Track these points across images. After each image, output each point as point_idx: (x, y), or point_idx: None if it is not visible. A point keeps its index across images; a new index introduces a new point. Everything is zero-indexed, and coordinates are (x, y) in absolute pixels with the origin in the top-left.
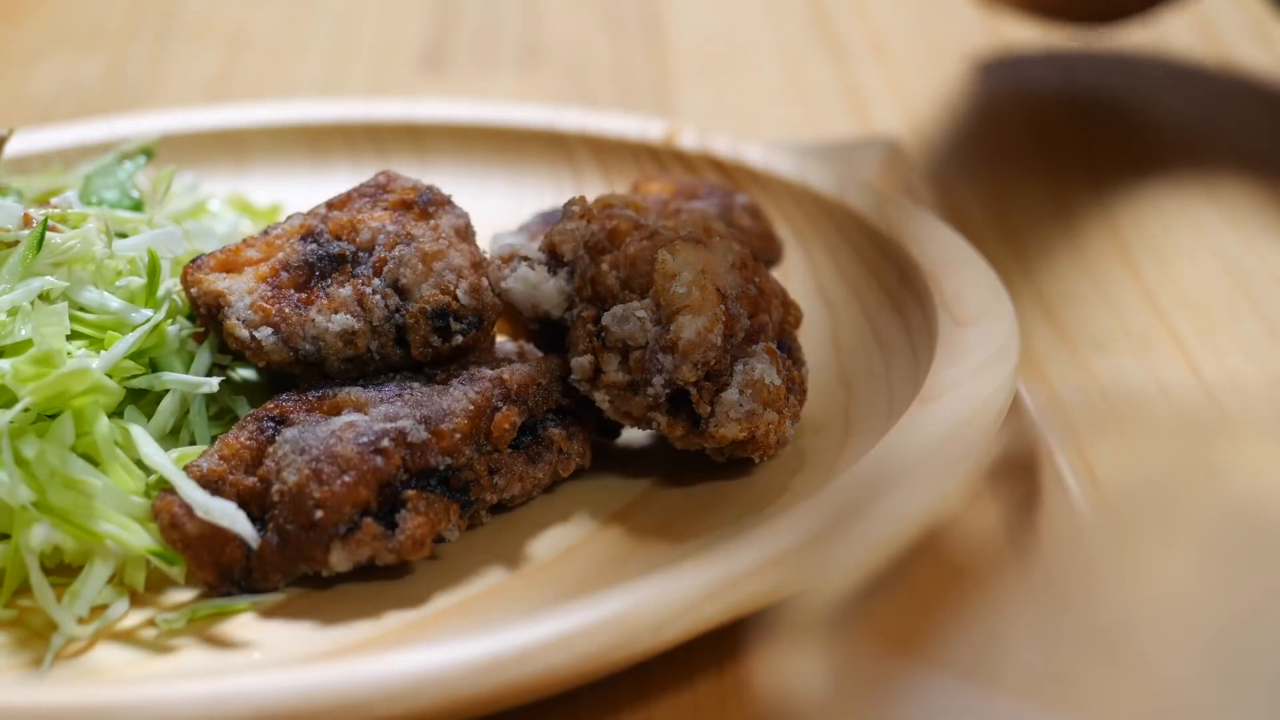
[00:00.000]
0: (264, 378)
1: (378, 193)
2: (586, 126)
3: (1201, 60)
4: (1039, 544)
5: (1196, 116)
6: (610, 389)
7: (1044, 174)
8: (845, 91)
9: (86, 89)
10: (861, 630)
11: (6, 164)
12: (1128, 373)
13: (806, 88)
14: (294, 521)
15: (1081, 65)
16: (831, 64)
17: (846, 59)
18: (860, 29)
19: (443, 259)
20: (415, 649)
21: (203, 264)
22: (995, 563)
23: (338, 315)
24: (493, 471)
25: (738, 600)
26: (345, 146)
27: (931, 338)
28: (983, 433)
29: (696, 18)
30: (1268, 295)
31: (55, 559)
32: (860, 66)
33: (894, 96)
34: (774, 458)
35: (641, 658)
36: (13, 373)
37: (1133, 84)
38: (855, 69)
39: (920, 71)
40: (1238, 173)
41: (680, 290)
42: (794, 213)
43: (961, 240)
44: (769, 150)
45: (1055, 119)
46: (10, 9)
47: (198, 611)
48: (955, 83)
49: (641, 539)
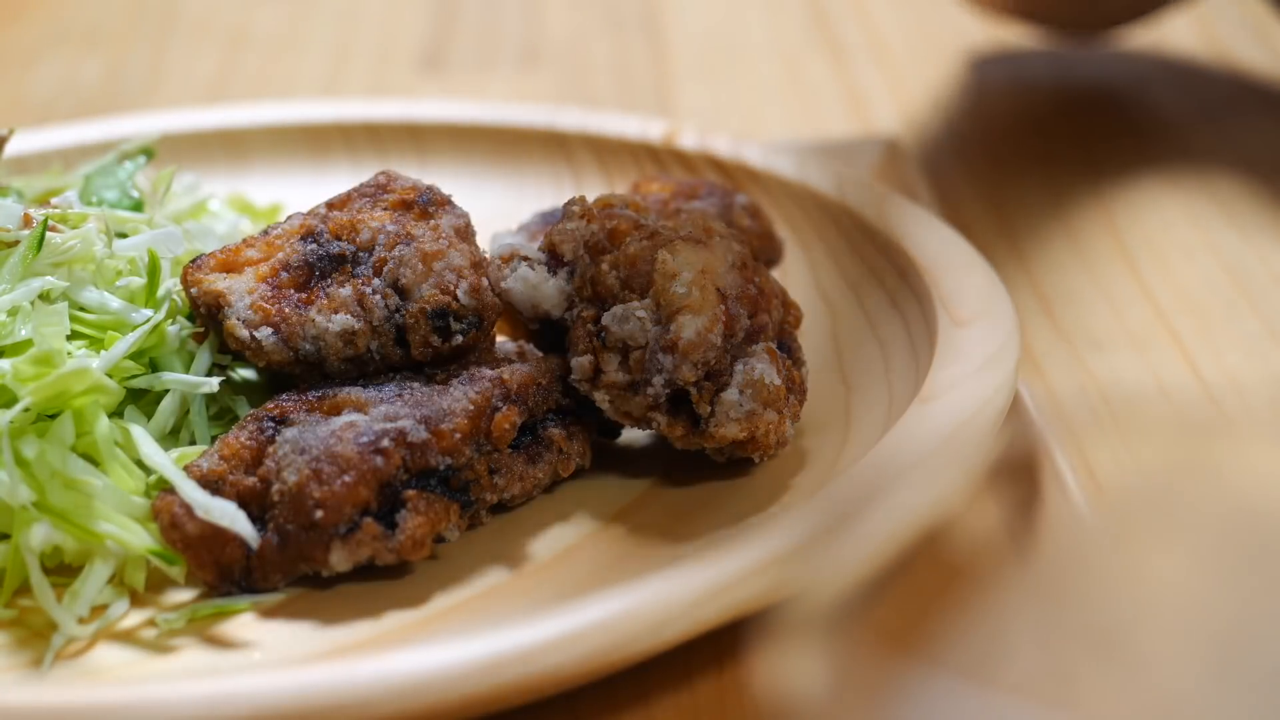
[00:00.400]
0: (264, 378)
1: (378, 193)
2: (586, 126)
3: (1202, 60)
4: (1039, 544)
5: (1197, 115)
6: (610, 389)
7: (1043, 173)
8: (844, 91)
9: (86, 89)
10: (861, 630)
11: (6, 164)
12: (1127, 372)
13: (806, 88)
14: (294, 521)
15: (1080, 64)
16: (830, 64)
17: (845, 59)
18: (859, 29)
19: (443, 259)
20: (415, 649)
21: (203, 264)
22: (995, 563)
23: (338, 315)
24: (493, 471)
25: (738, 600)
26: (345, 146)
27: (931, 337)
28: (983, 433)
29: (696, 18)
30: (1268, 295)
31: (55, 559)
32: (859, 66)
33: (893, 96)
34: (774, 458)
35: (641, 658)
36: (13, 373)
37: (1132, 82)
38: (854, 69)
39: (919, 71)
40: (1238, 172)
41: (680, 290)
42: (794, 213)
43: (961, 240)
44: (769, 150)
45: (1054, 118)
46: (10, 9)
47: (198, 611)
48: (954, 82)
49: (641, 539)
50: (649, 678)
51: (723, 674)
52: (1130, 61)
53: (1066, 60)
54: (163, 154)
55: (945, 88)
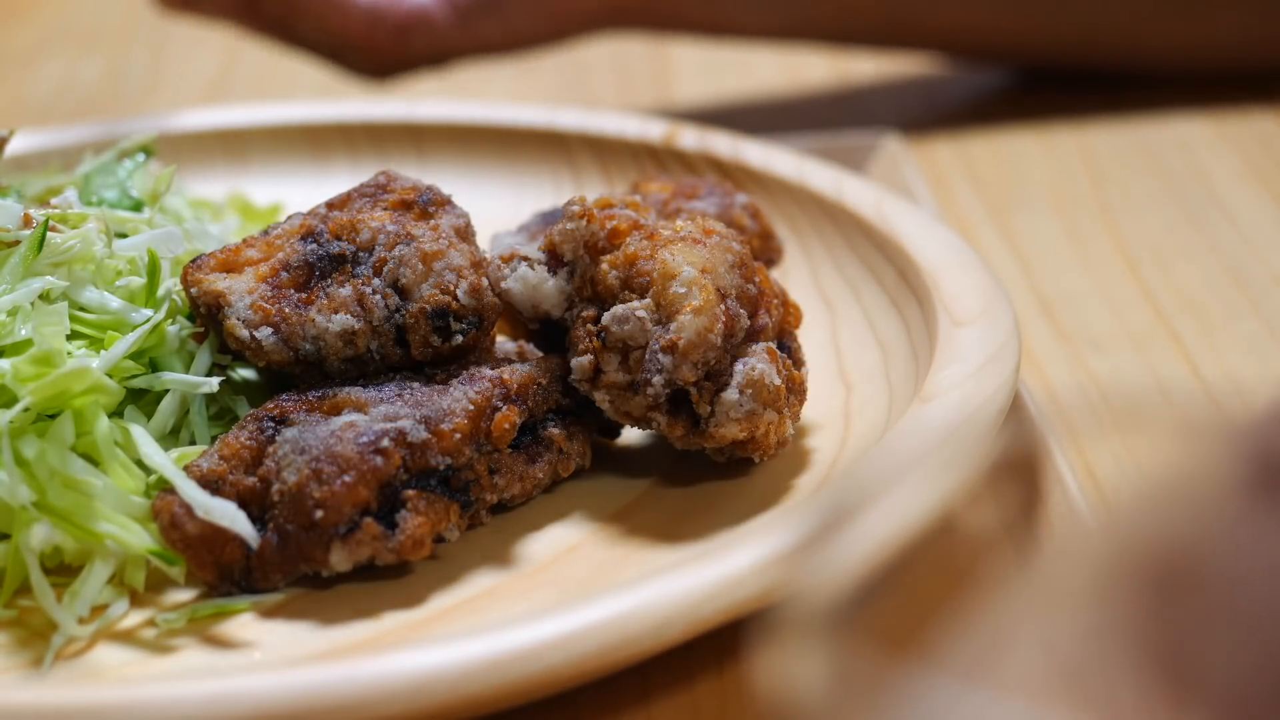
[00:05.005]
0: (264, 378)
1: (378, 193)
2: (586, 126)
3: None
4: (1039, 544)
5: (1196, 114)
6: (610, 389)
7: (1043, 172)
8: (844, 91)
9: (86, 89)
10: (861, 630)
11: (6, 164)
12: (1127, 372)
13: (806, 87)
14: (294, 521)
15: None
16: (831, 64)
17: (846, 59)
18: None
19: (443, 259)
20: (415, 649)
21: (203, 264)
22: (995, 563)
23: (338, 315)
24: (493, 471)
25: (738, 600)
26: (345, 146)
27: (931, 337)
28: (983, 433)
29: None
30: (1268, 295)
31: (55, 559)
32: (860, 66)
33: (892, 95)
34: (774, 458)
35: (641, 658)
36: (13, 373)
37: (1132, 81)
38: (855, 69)
39: (919, 70)
40: (1238, 172)
41: (680, 290)
42: (794, 213)
43: (961, 240)
44: (769, 150)
45: (1055, 117)
46: (10, 9)
47: (198, 611)
48: (953, 81)
49: (641, 539)
50: (649, 678)
51: (723, 674)
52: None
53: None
54: (163, 154)
55: (945, 87)
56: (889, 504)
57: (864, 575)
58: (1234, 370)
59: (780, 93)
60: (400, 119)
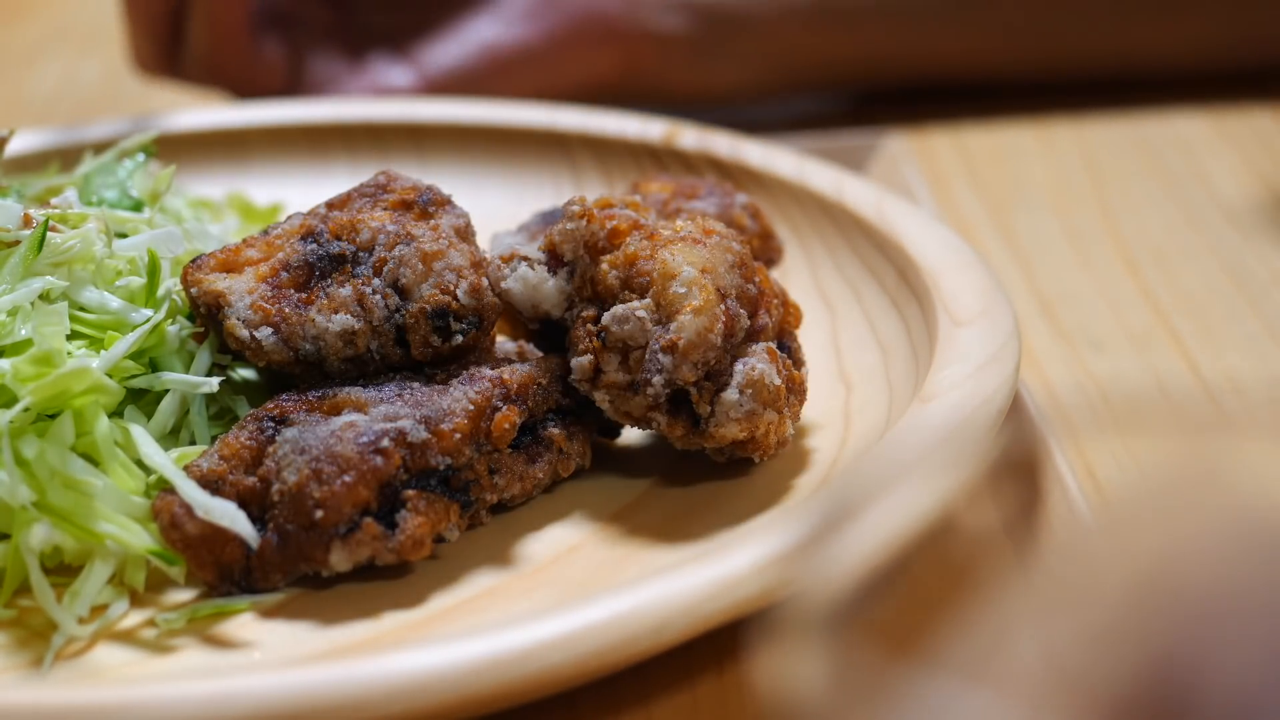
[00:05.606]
0: (264, 378)
1: (378, 193)
2: (586, 126)
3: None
4: (1039, 544)
5: (1196, 113)
6: (610, 389)
7: (1044, 172)
8: (844, 91)
9: (86, 89)
10: (861, 630)
11: (6, 164)
12: (1127, 372)
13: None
14: (294, 521)
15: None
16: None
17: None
18: None
19: (443, 259)
20: (414, 649)
21: (203, 264)
22: (995, 563)
23: (338, 315)
24: (493, 471)
25: (738, 600)
26: (345, 146)
27: (931, 337)
28: (983, 433)
29: None
30: (1268, 295)
31: (55, 559)
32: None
33: (892, 95)
34: (774, 458)
35: (641, 658)
36: (13, 373)
37: (1133, 80)
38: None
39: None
40: (1238, 172)
41: (680, 290)
42: (794, 213)
43: (961, 240)
44: (769, 150)
45: (1055, 116)
46: (10, 9)
47: (198, 611)
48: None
49: (641, 539)
50: (649, 678)
51: (723, 674)
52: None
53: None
54: (163, 154)
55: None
56: (889, 504)
57: (864, 575)
58: (1234, 370)
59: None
60: (400, 119)
